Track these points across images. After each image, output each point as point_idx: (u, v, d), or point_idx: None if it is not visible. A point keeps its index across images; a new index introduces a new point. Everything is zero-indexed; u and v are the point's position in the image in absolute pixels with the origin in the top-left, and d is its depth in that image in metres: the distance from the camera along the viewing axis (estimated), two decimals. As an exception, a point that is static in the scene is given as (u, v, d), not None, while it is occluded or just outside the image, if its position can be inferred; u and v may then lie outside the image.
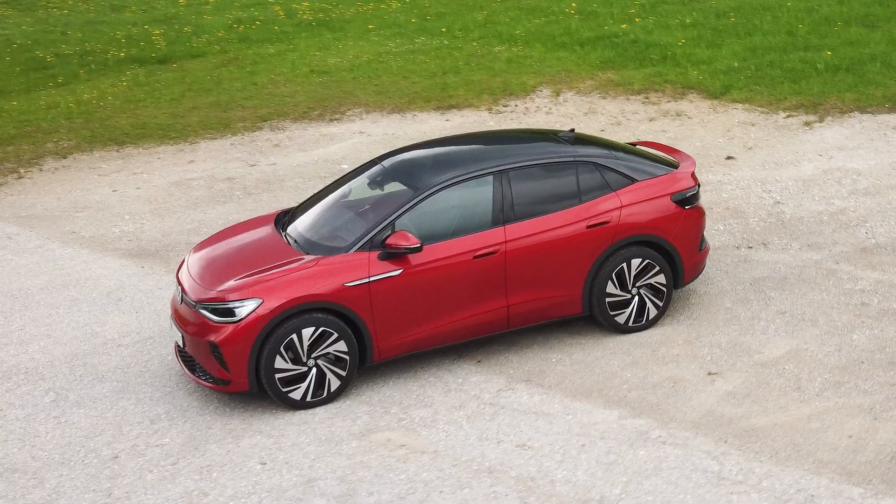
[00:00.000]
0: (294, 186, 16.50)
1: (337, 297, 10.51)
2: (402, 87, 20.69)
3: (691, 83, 19.02)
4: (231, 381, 10.50)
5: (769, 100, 17.83)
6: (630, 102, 18.67)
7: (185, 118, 20.04)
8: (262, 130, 19.12)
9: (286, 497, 9.45)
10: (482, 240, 10.91)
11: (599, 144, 11.79)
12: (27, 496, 9.81)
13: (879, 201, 13.96)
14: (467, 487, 9.35)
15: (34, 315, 13.07)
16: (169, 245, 14.76)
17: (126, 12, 30.03)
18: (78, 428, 10.76)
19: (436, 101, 19.62)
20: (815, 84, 18.10)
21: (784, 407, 10.07)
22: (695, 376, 10.67)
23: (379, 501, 9.29)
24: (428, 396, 10.75)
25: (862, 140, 15.91)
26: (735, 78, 18.83)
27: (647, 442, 9.73)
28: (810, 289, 12.05)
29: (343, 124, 19.10)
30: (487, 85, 20.18)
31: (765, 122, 17.07)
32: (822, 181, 14.70)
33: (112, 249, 14.80)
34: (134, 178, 17.41)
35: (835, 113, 17.02)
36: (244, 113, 20.07)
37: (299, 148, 18.16)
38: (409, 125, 18.68)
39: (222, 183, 16.91)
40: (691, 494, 8.99)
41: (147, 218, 15.78)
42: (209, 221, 15.44)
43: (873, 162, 15.13)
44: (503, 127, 17.90)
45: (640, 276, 11.41)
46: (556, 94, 19.39)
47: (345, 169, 16.99)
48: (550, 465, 9.55)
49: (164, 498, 9.62)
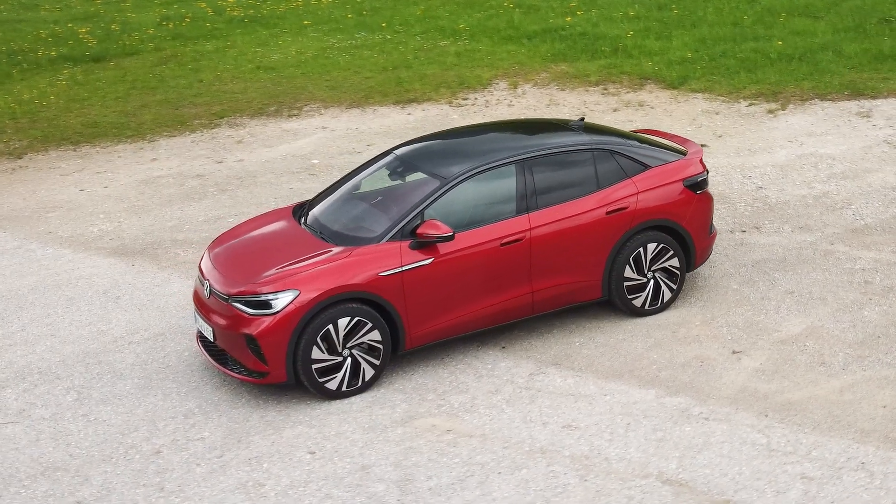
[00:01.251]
0: (267, 182, 16.62)
1: (371, 287, 10.73)
2: (354, 83, 20.89)
3: (647, 74, 19.55)
4: (269, 373, 10.66)
5: (728, 89, 18.43)
6: (590, 94, 19.13)
7: (137, 116, 19.99)
8: (220, 127, 19.16)
9: (344, 484, 9.65)
10: (508, 227, 11.23)
11: (611, 133, 12.19)
12: (75, 493, 9.86)
13: (859, 184, 14.59)
14: (524, 468, 9.65)
15: (32, 315, 13.03)
16: (154, 243, 14.80)
17: (41, 10, 29.67)
18: (110, 425, 10.81)
19: (393, 96, 19.86)
20: (771, 73, 18.75)
21: (814, 381, 10.56)
22: (720, 355, 11.11)
23: (439, 485, 9.54)
24: (461, 382, 11.02)
25: (828, 126, 16.58)
26: (691, 68, 19.40)
27: (691, 419, 10.13)
28: (812, 269, 12.59)
29: (302, 120, 19.24)
30: (442, 79, 20.49)
31: (728, 110, 17.66)
32: (798, 166, 15.30)
33: (95, 248, 14.78)
34: (98, 177, 17.36)
35: (795, 101, 17.67)
36: (197, 110, 20.09)
37: (263, 144, 18.26)
38: (371, 120, 18.90)
39: (192, 180, 16.95)
40: (746, 466, 9.42)
41: (123, 216, 15.77)
42: (189, 218, 15.50)
43: (844, 147, 15.79)
44: (468, 119, 18.24)
45: (655, 260, 11.83)
46: (514, 86, 19.77)
47: (316, 164, 17.17)
48: (601, 444, 9.90)
49: (218, 490, 9.75)
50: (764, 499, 9.00)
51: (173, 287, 13.51)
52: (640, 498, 9.14)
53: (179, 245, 14.71)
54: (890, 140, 15.87)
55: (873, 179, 14.69)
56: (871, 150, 15.60)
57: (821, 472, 9.25)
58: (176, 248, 14.62)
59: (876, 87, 17.71)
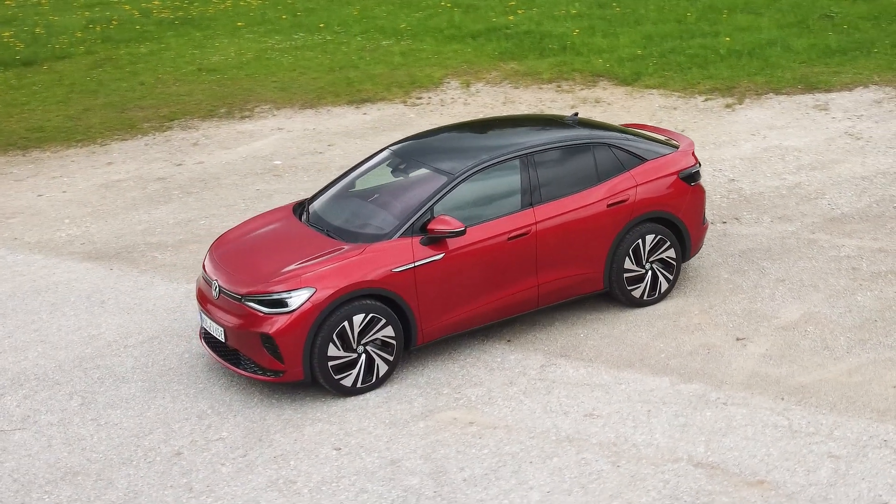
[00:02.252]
0: (232, 184, 16.67)
1: (385, 283, 10.91)
2: (302, 83, 20.99)
3: (599, 71, 19.95)
4: (285, 371, 10.78)
5: (683, 85, 18.91)
6: (544, 91, 19.48)
7: (83, 120, 19.87)
8: (172, 130, 19.15)
9: (377, 478, 9.81)
10: (515, 221, 11.48)
11: (605, 127, 12.51)
12: (101, 497, 9.89)
13: (829, 175, 15.12)
14: (555, 457, 9.91)
15: (17, 322, 12.97)
16: (128, 246, 14.79)
17: (-49, 15, 29.21)
18: (122, 428, 10.84)
19: (346, 96, 20.01)
20: (723, 69, 19.28)
21: (821, 365, 10.98)
22: (724, 342, 11.49)
23: (473, 476, 9.76)
24: (474, 376, 11.24)
25: (788, 119, 17.12)
26: (642, 65, 19.85)
27: (709, 404, 10.48)
28: (798, 257, 13.05)
29: (256, 121, 19.30)
30: (392, 78, 20.68)
31: (685, 105, 18.13)
32: (765, 159, 15.79)
33: (68, 253, 14.72)
34: (55, 182, 17.25)
35: (751, 95, 18.20)
36: (145, 113, 20.03)
37: (220, 146, 18.29)
38: (326, 120, 19.04)
39: (154, 183, 16.94)
40: (773, 447, 9.78)
41: (89, 221, 15.72)
42: (158, 222, 15.51)
43: (807, 139, 16.33)
44: (426, 119, 18.44)
45: (653, 252, 12.18)
46: (466, 85, 20.04)
47: (279, 165, 17.25)
48: (626, 431, 10.19)
49: (250, 488, 9.85)
50: (796, 478, 9.36)
51: (158, 290, 13.52)
52: (676, 482, 9.44)
53: (155, 248, 14.71)
54: (850, 132, 16.44)
55: (841, 170, 15.22)
56: (833, 142, 16.15)
57: (846, 451, 9.64)
58: (152, 252, 14.62)
59: (829, 81, 18.31)
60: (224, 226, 15.15)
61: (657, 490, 9.35)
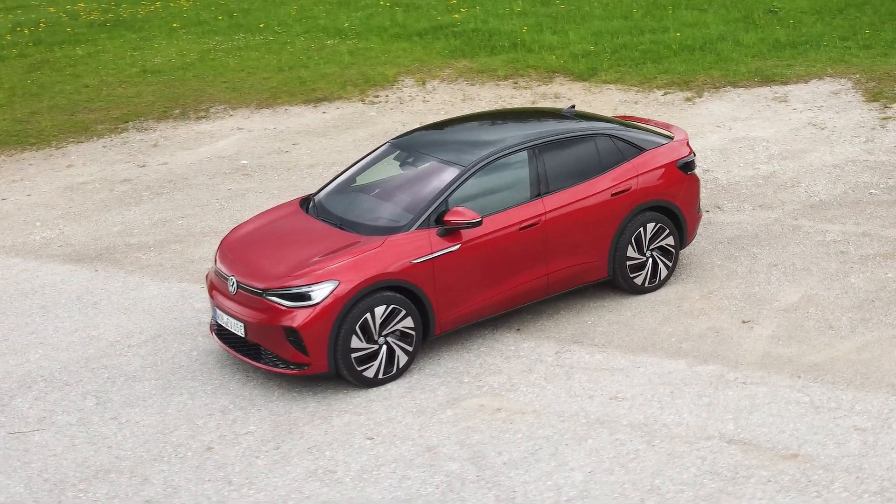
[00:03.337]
0: (202, 184, 16.78)
1: (405, 275, 11.18)
2: (253, 83, 21.12)
3: (554, 67, 20.40)
4: (310, 364, 10.99)
5: (639, 79, 19.43)
6: (501, 88, 19.87)
7: (33, 123, 19.81)
8: (128, 132, 19.17)
9: (416, 465, 10.08)
10: (525, 212, 11.83)
11: (603, 119, 12.92)
12: (140, 493, 10.01)
13: (801, 163, 15.72)
14: (589, 438, 10.26)
15: (10, 325, 12.99)
16: (108, 248, 14.84)
17: None
18: (145, 426, 10.96)
19: (301, 95, 20.20)
20: (677, 63, 19.85)
21: (829, 344, 11.50)
22: (731, 325, 11.96)
23: (512, 459, 10.07)
24: (492, 364, 11.56)
25: (750, 111, 17.71)
26: (596, 61, 20.34)
27: (729, 384, 10.93)
28: (786, 243, 13.58)
29: (213, 122, 19.40)
30: (345, 77, 20.92)
31: (645, 99, 18.64)
32: (735, 150, 16.35)
33: (47, 256, 14.73)
34: (16, 185, 17.20)
35: (709, 88, 18.78)
36: (96, 115, 20.02)
37: (181, 146, 18.37)
38: (286, 119, 19.21)
39: (120, 185, 16.98)
40: (799, 423, 10.25)
41: (62, 223, 15.73)
42: (133, 223, 15.57)
43: (772, 130, 16.93)
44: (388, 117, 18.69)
45: (653, 239, 12.62)
46: (422, 83, 20.35)
47: (246, 165, 17.39)
48: (654, 412, 10.59)
49: (290, 479, 10.04)
50: (828, 450, 9.83)
51: (150, 290, 13.62)
52: (712, 458, 9.85)
53: (136, 249, 14.78)
54: (814, 122, 17.08)
55: (812, 159, 15.82)
56: (799, 133, 16.76)
57: (871, 423, 10.14)
58: (134, 253, 14.69)
59: (783, 74, 18.96)
60: (202, 226, 15.27)
61: (696, 466, 9.74)
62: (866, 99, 17.71)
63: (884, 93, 17.80)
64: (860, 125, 16.76)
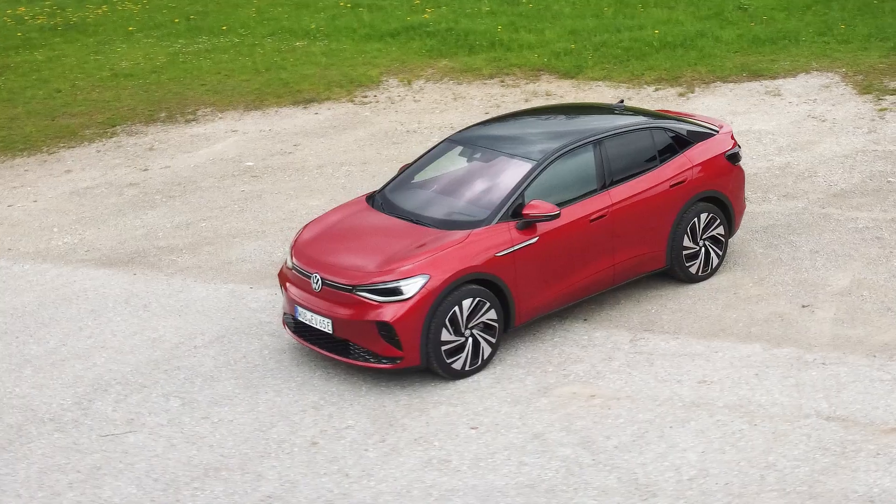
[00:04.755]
0: (213, 186, 16.91)
1: (489, 268, 11.55)
2: (233, 86, 21.25)
3: (538, 65, 20.88)
4: (403, 358, 11.28)
5: (627, 76, 20.00)
6: (489, 86, 20.28)
7: (15, 130, 19.73)
8: (118, 136, 19.20)
9: (529, 452, 10.44)
10: (594, 204, 12.27)
11: (653, 114, 13.42)
12: (258, 489, 10.20)
13: (811, 155, 16.41)
14: (692, 420, 10.73)
15: (64, 330, 13.04)
16: (138, 251, 14.91)
17: None
18: (240, 424, 11.14)
19: (287, 97, 20.39)
20: (661, 60, 20.46)
21: (893, 324, 12.12)
22: (792, 310, 12.52)
23: (622, 443, 10.49)
24: (571, 353, 11.96)
25: (747, 105, 18.38)
26: (580, 58, 20.87)
27: (808, 365, 11.48)
28: (821, 231, 14.21)
29: (204, 125, 19.50)
30: (328, 78, 21.15)
31: (638, 95, 19.21)
32: (743, 142, 16.97)
33: (77, 261, 14.77)
34: (19, 191, 17.16)
35: (699, 84, 19.42)
36: (79, 120, 19.99)
37: (179, 150, 18.46)
38: (279, 121, 19.39)
39: (128, 189, 17.04)
40: (889, 398, 10.83)
41: (81, 228, 15.76)
42: (156, 226, 15.66)
43: (774, 123, 17.61)
44: (381, 116, 18.94)
45: (706, 229, 13.14)
46: (407, 83, 20.68)
47: (251, 166, 17.56)
48: (746, 394, 11.09)
49: (406, 470, 10.33)
50: (925, 423, 10.43)
51: (198, 292, 13.75)
52: (817, 435, 10.37)
53: (168, 252, 14.88)
54: (813, 115, 17.79)
55: (822, 150, 16.52)
56: (801, 125, 17.46)
57: (957, 397, 10.76)
58: (168, 255, 14.79)
59: (770, 69, 19.68)
60: (227, 227, 15.42)
61: (804, 443, 10.25)
62: (858, 91, 18.49)
63: (874, 85, 18.59)
64: (859, 117, 17.50)
